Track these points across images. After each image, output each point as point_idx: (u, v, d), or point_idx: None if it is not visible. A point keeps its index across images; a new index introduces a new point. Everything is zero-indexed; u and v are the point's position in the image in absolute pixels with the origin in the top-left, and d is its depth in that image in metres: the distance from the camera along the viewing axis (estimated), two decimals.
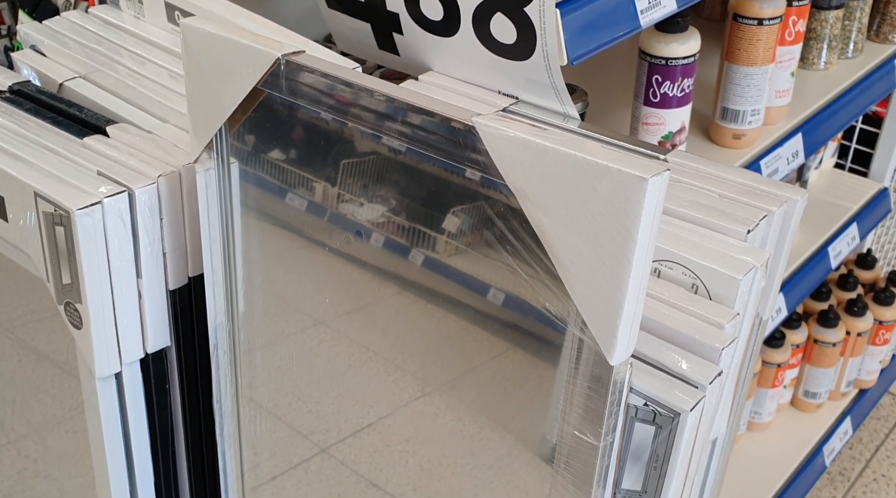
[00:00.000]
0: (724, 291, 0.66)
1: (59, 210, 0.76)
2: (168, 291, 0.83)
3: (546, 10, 0.78)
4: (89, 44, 1.02)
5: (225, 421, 0.90)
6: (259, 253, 0.83)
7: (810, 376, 1.75)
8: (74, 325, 0.80)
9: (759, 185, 0.75)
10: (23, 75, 0.99)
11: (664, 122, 1.11)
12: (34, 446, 1.13)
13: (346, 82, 0.62)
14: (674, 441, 0.59)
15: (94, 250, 0.77)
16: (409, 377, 0.80)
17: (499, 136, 0.53)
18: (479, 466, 0.77)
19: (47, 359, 0.99)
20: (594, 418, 0.56)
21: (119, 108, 0.92)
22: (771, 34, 1.18)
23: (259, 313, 0.86)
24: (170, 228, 0.81)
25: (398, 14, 0.93)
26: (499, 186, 0.56)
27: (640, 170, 0.47)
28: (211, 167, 0.76)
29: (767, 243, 0.74)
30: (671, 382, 0.59)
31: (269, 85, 0.67)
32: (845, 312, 1.73)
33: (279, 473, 0.97)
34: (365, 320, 0.81)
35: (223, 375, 0.87)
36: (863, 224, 1.65)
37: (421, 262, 0.71)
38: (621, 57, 1.43)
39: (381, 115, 0.61)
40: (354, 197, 0.73)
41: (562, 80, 0.83)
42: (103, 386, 0.83)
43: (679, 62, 1.08)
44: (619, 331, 0.52)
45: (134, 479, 0.90)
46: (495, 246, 0.61)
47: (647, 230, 0.49)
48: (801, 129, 1.31)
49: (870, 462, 1.89)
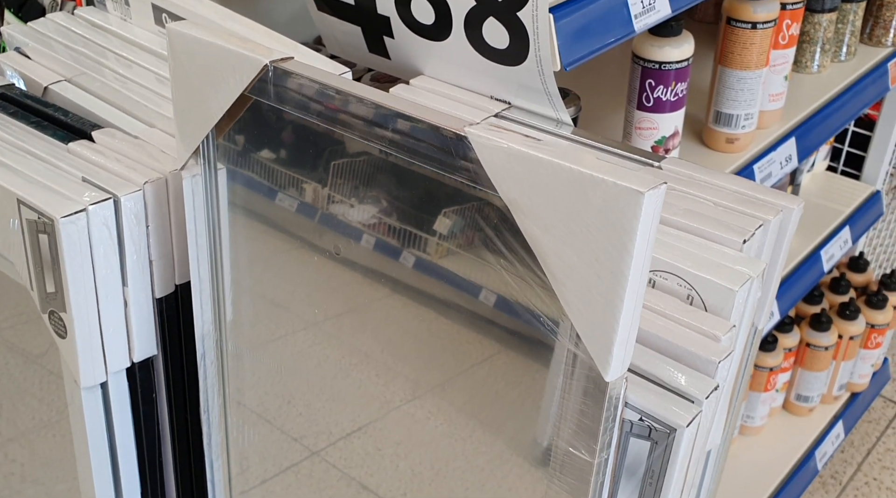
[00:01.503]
0: (719, 302, 0.65)
1: (43, 217, 0.74)
2: (154, 300, 0.82)
3: (539, 15, 0.77)
4: (75, 46, 1.01)
5: (213, 430, 0.89)
6: (247, 257, 0.82)
7: (802, 380, 1.75)
8: (59, 334, 0.79)
9: (755, 193, 0.74)
10: (6, 78, 0.98)
11: (657, 126, 1.10)
12: (20, 450, 1.11)
13: (334, 89, 0.60)
14: (669, 456, 0.57)
15: (79, 259, 0.75)
16: (401, 380, 0.79)
17: (491, 147, 0.52)
18: (470, 470, 0.76)
19: (34, 362, 0.98)
20: (589, 434, 0.55)
21: (105, 112, 0.91)
22: (765, 38, 1.17)
23: (248, 318, 0.85)
24: (156, 236, 0.79)
25: (389, 17, 0.92)
26: (489, 191, 0.55)
27: (637, 183, 0.46)
28: (198, 173, 0.75)
29: (763, 253, 0.73)
30: (667, 397, 0.58)
31: (256, 91, 0.65)
32: (837, 316, 1.73)
33: (269, 477, 0.96)
34: (355, 323, 0.80)
35: (210, 384, 0.85)
36: (855, 227, 1.64)
37: (412, 263, 0.70)
38: (613, 60, 1.42)
39: (371, 123, 0.60)
40: (345, 198, 0.72)
41: (555, 85, 0.82)
42: (88, 396, 0.82)
43: (673, 66, 1.07)
44: (615, 346, 0.51)
45: (120, 488, 0.88)
46: (487, 251, 0.60)
47: (643, 244, 0.48)
48: (795, 133, 1.30)
49: (861, 466, 1.89)
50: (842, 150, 1.83)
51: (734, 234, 0.69)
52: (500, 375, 0.70)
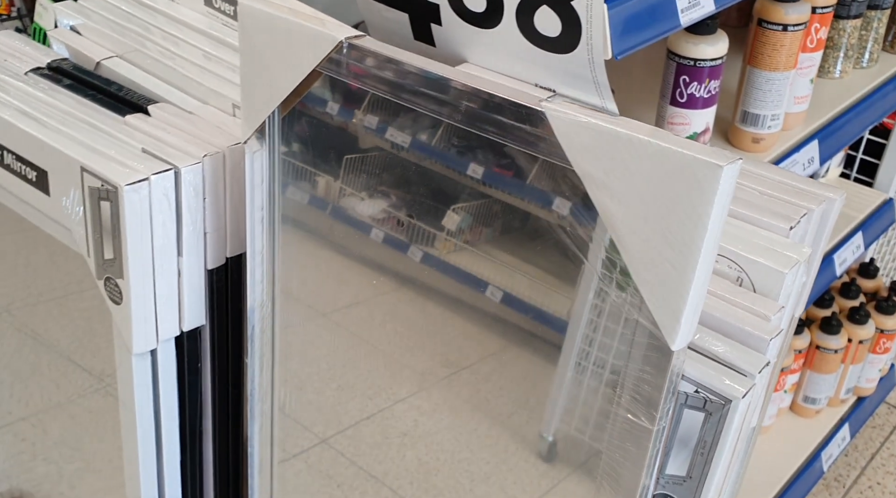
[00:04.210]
0: (769, 284, 0.67)
1: (107, 185, 0.76)
2: (206, 271, 0.84)
3: (594, 4, 0.79)
4: (125, 24, 1.02)
5: (255, 403, 0.91)
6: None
7: (811, 382, 1.77)
8: (114, 300, 0.81)
9: (798, 183, 0.76)
10: (59, 53, 1.00)
11: (689, 122, 1.12)
12: (32, 429, 1.13)
13: (410, 66, 0.62)
14: (723, 428, 0.60)
15: (139, 227, 0.77)
16: (408, 371, 0.81)
17: (569, 121, 0.54)
18: (475, 462, 0.78)
19: (50, 347, 1.00)
20: (649, 402, 0.58)
21: (157, 87, 0.93)
22: (794, 40, 1.20)
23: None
24: (211, 208, 0.81)
25: (438, 5, 0.94)
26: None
27: (715, 158, 0.49)
28: (259, 149, 0.77)
29: (805, 240, 0.75)
30: (721, 370, 0.60)
31: (327, 68, 0.67)
32: (847, 320, 1.75)
33: (284, 459, 0.96)
34: (364, 314, 0.82)
35: (258, 356, 0.87)
36: (867, 233, 1.67)
37: (420, 258, 0.72)
38: (637, 56, 1.44)
39: (445, 101, 0.62)
40: (389, 188, 0.74)
41: (604, 74, 0.83)
42: (139, 362, 0.83)
43: (707, 64, 1.09)
44: (684, 317, 0.53)
45: (161, 456, 0.90)
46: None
47: (718, 217, 0.50)
48: (818, 136, 1.32)
49: (865, 470, 1.91)
50: (855, 157, 1.86)
51: (781, 220, 0.71)
52: (505, 371, 0.72)
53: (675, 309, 0.53)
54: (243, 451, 0.97)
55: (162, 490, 0.92)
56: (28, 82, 0.90)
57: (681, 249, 0.51)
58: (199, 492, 0.96)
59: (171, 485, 0.92)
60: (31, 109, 0.85)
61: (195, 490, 0.95)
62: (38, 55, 0.97)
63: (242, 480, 0.99)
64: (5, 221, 0.94)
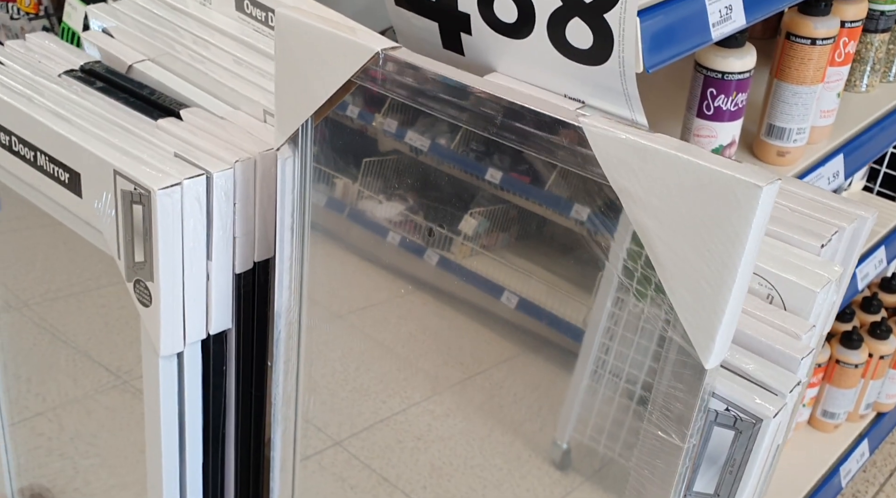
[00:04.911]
0: (800, 302, 0.67)
1: (140, 189, 0.77)
2: (234, 275, 0.84)
3: (627, 17, 0.79)
4: (156, 27, 1.03)
5: (279, 408, 0.91)
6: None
7: (830, 396, 1.76)
8: (143, 302, 0.81)
9: (830, 201, 0.76)
10: (91, 55, 1.00)
11: (716, 135, 1.12)
12: (49, 425, 1.14)
13: (447, 79, 0.63)
14: (753, 446, 0.60)
15: (171, 230, 0.78)
16: (422, 375, 0.81)
17: (607, 137, 0.54)
18: (489, 468, 0.78)
19: (68, 343, 1.00)
20: (680, 420, 0.58)
21: (189, 92, 0.93)
22: (823, 54, 1.19)
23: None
24: (241, 213, 0.82)
25: (469, 15, 0.94)
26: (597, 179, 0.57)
27: (755, 178, 0.49)
28: (290, 156, 0.77)
29: (836, 258, 0.75)
30: (753, 389, 0.60)
31: (362, 78, 0.68)
32: (868, 335, 1.74)
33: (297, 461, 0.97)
34: (379, 317, 0.82)
35: (283, 360, 0.87)
36: (890, 248, 1.66)
37: (438, 261, 0.72)
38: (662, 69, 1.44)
39: (481, 114, 0.62)
40: (404, 192, 0.74)
41: (635, 87, 0.84)
42: (165, 365, 0.84)
43: (735, 77, 1.09)
44: (718, 335, 0.53)
45: (185, 457, 0.91)
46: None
47: (755, 236, 0.50)
48: (843, 150, 1.32)
49: (884, 486, 1.90)
50: (879, 171, 1.85)
51: (812, 238, 0.71)
52: (519, 377, 0.72)
53: (710, 327, 0.53)
54: (264, 454, 0.97)
55: (184, 491, 0.92)
56: (62, 84, 0.91)
57: (717, 268, 0.51)
58: (220, 493, 0.97)
59: (192, 486, 0.93)
60: (65, 111, 0.86)
61: (216, 492, 0.96)
62: (71, 57, 0.97)
63: (263, 483, 0.99)
64: (25, 217, 0.95)
